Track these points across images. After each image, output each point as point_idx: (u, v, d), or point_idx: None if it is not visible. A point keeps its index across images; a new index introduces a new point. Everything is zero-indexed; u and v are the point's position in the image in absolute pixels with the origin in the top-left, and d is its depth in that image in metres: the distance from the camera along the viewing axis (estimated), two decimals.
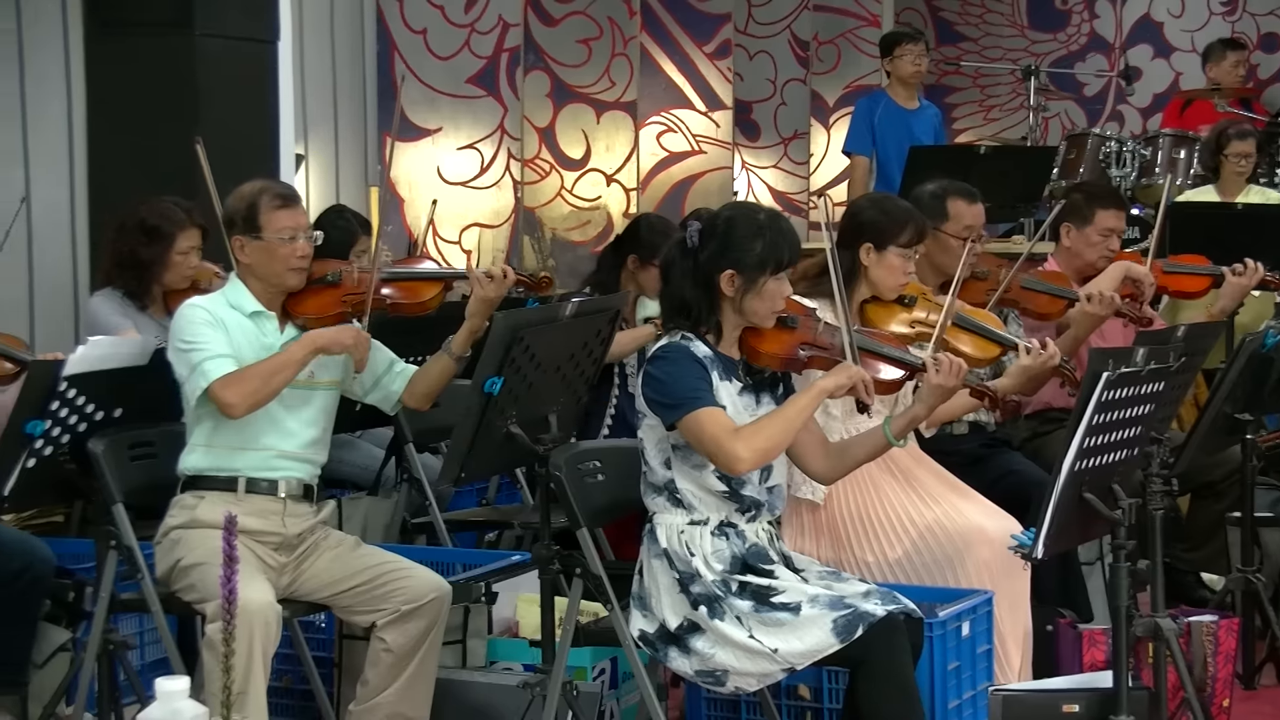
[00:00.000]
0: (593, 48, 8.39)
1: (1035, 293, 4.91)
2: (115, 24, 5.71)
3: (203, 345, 3.79)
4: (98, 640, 3.88)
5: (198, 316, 3.84)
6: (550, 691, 3.69)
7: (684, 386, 3.52)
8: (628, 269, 5.45)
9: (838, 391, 3.58)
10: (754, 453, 3.48)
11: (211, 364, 3.78)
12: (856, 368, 3.59)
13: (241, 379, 3.78)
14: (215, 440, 3.87)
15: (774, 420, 3.55)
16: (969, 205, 4.75)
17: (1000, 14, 11.25)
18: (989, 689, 3.89)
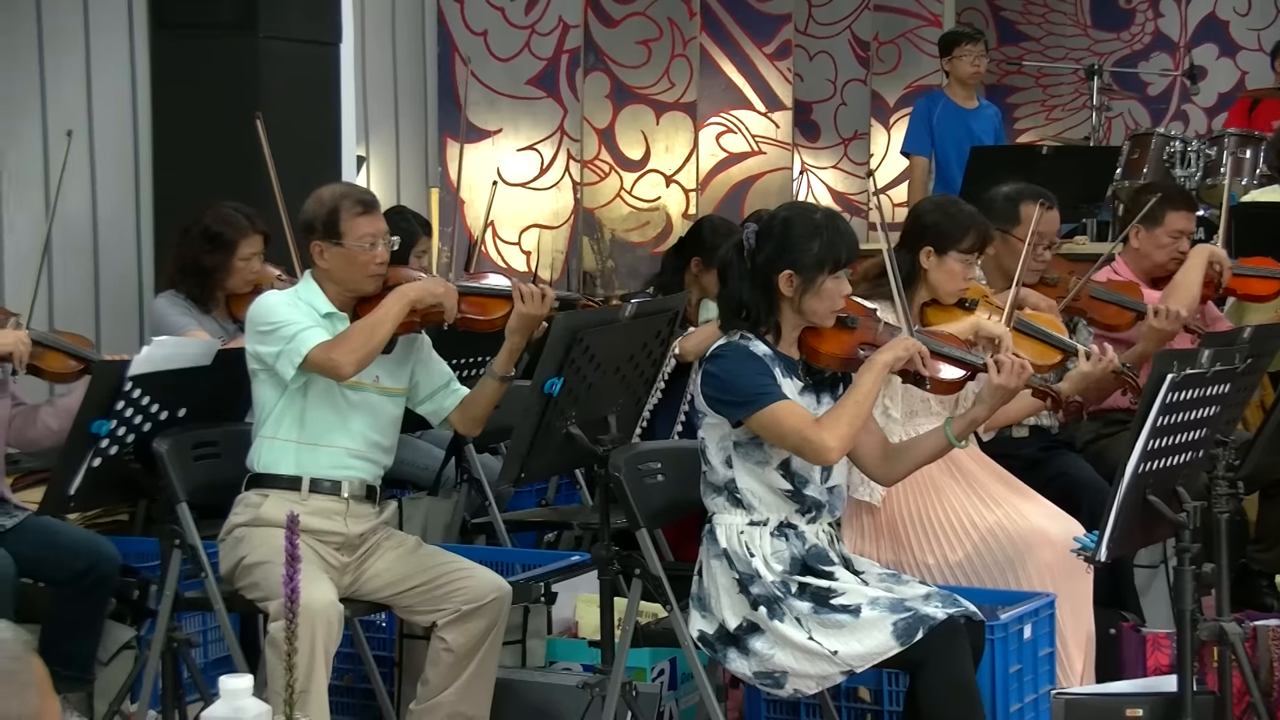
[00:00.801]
0: (652, 49, 8.39)
1: (1104, 303, 4.87)
2: (179, 26, 5.77)
3: (291, 321, 3.82)
4: (162, 638, 3.91)
5: (278, 300, 3.88)
6: (609, 692, 3.69)
7: (750, 383, 3.52)
8: (691, 271, 5.45)
9: (896, 364, 3.58)
10: (840, 439, 3.48)
11: (306, 334, 3.80)
12: (912, 339, 3.59)
13: (344, 338, 3.81)
14: (287, 433, 3.89)
15: (848, 405, 3.55)
16: (1043, 212, 4.71)
17: (1063, 13, 11.17)
18: (1051, 692, 3.86)
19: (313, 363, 3.79)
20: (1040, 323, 4.37)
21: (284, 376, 3.82)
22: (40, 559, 4.16)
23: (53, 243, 5.55)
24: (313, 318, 3.87)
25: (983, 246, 4.26)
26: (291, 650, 2.61)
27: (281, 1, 5.69)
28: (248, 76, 5.65)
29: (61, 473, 3.93)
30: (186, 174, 5.66)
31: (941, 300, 4.23)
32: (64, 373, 4.38)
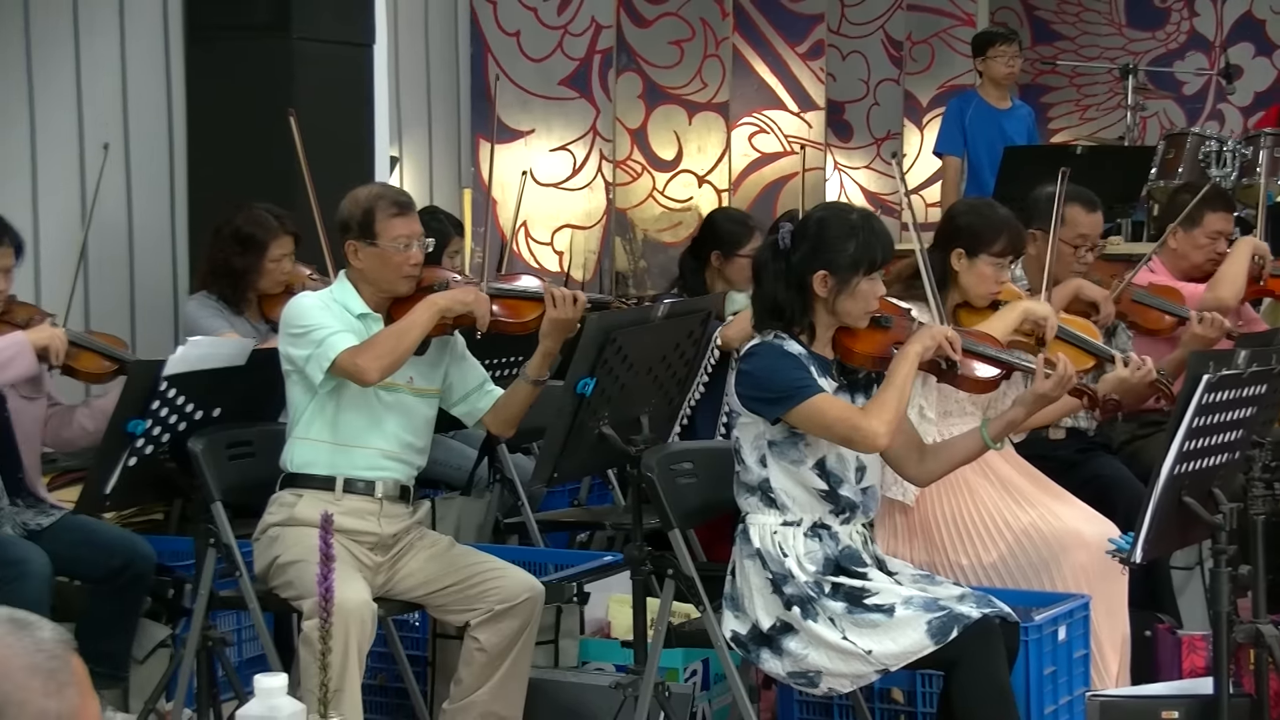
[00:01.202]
0: (685, 49, 8.39)
1: (1145, 307, 4.84)
2: (213, 29, 5.79)
3: (321, 325, 3.83)
4: (197, 636, 3.92)
5: (311, 303, 3.89)
6: (642, 692, 3.69)
7: (787, 378, 3.51)
8: (712, 267, 5.45)
9: (926, 352, 3.59)
10: (887, 424, 3.49)
11: (335, 338, 3.81)
12: (940, 326, 3.61)
13: (371, 344, 3.81)
14: (320, 434, 3.90)
15: (889, 392, 3.55)
16: (1087, 214, 4.68)
17: (1098, 12, 11.12)
18: (1086, 694, 3.84)
19: (339, 367, 3.80)
20: (1075, 327, 4.35)
21: (313, 380, 3.84)
22: (76, 557, 4.19)
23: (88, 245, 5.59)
24: (345, 320, 3.88)
25: (1016, 250, 4.24)
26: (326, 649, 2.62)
27: (315, 3, 5.71)
28: (281, 78, 5.67)
29: (98, 471, 3.95)
30: (221, 176, 5.69)
31: (973, 303, 4.22)
32: (98, 373, 4.40)
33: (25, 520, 4.23)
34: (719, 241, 5.44)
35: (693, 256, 5.57)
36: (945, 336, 3.61)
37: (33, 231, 5.37)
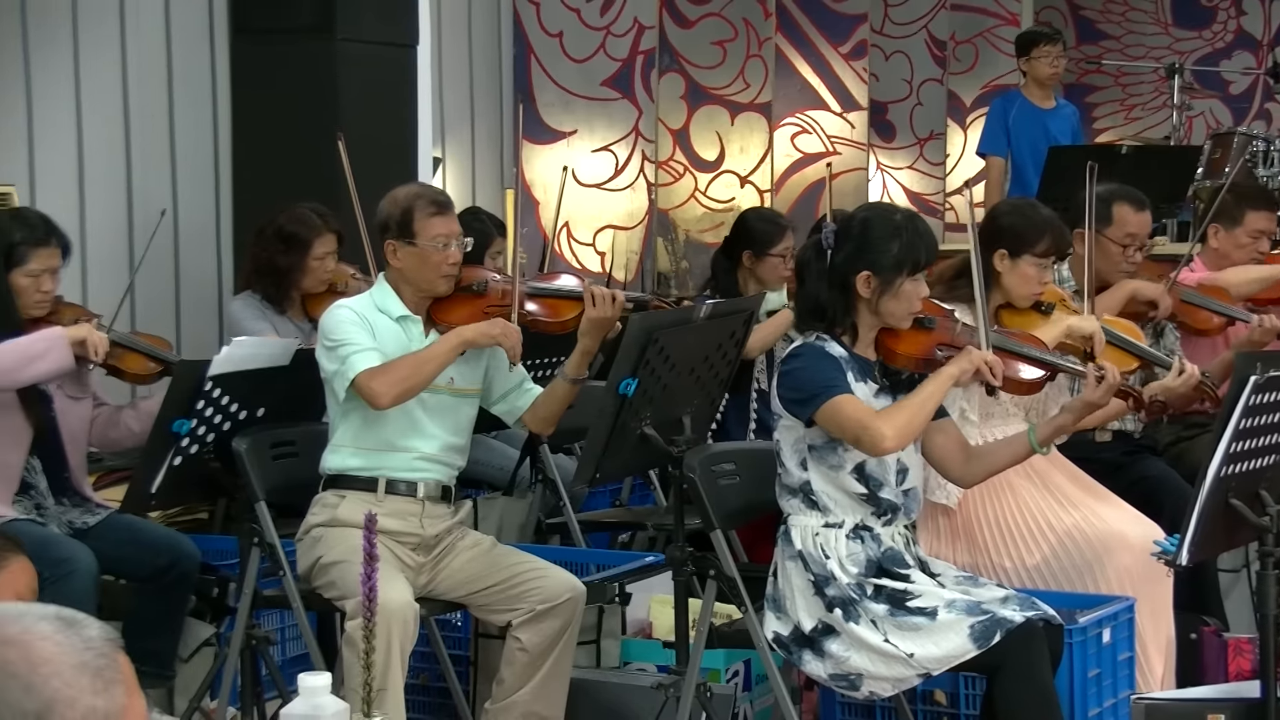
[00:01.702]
0: (728, 49, 8.38)
1: (1194, 307, 4.81)
2: (258, 31, 5.82)
3: (349, 341, 3.84)
4: (241, 635, 3.94)
5: (345, 316, 3.89)
6: (684, 693, 3.68)
7: (816, 379, 3.51)
8: (744, 266, 5.45)
9: (963, 376, 3.56)
10: (897, 430, 3.46)
11: (358, 357, 3.82)
12: (980, 351, 3.57)
13: (388, 369, 3.81)
14: (358, 441, 3.92)
15: (910, 402, 3.53)
16: (1135, 212, 4.65)
17: (1144, 11, 11.05)
18: (1130, 697, 3.82)
19: (357, 387, 3.81)
20: (1119, 329, 4.33)
21: (338, 395, 3.86)
22: (122, 556, 4.22)
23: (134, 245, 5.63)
24: (382, 329, 3.87)
25: (1059, 251, 4.21)
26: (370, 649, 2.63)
27: (359, 4, 5.74)
28: (325, 80, 5.70)
29: (143, 471, 3.98)
30: (265, 177, 5.72)
31: (1016, 304, 4.19)
32: (144, 374, 4.43)
33: (72, 519, 4.26)
34: (751, 241, 5.44)
35: (725, 256, 5.57)
36: (985, 361, 3.57)
37: (79, 233, 5.41)
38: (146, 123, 5.73)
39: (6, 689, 1.49)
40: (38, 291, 4.22)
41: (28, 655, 1.51)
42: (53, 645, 1.52)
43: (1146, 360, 4.26)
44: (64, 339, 4.03)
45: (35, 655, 1.51)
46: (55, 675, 1.50)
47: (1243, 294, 4.91)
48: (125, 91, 5.68)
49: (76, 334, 4.07)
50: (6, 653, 1.50)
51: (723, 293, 5.35)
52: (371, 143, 5.73)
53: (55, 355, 4.01)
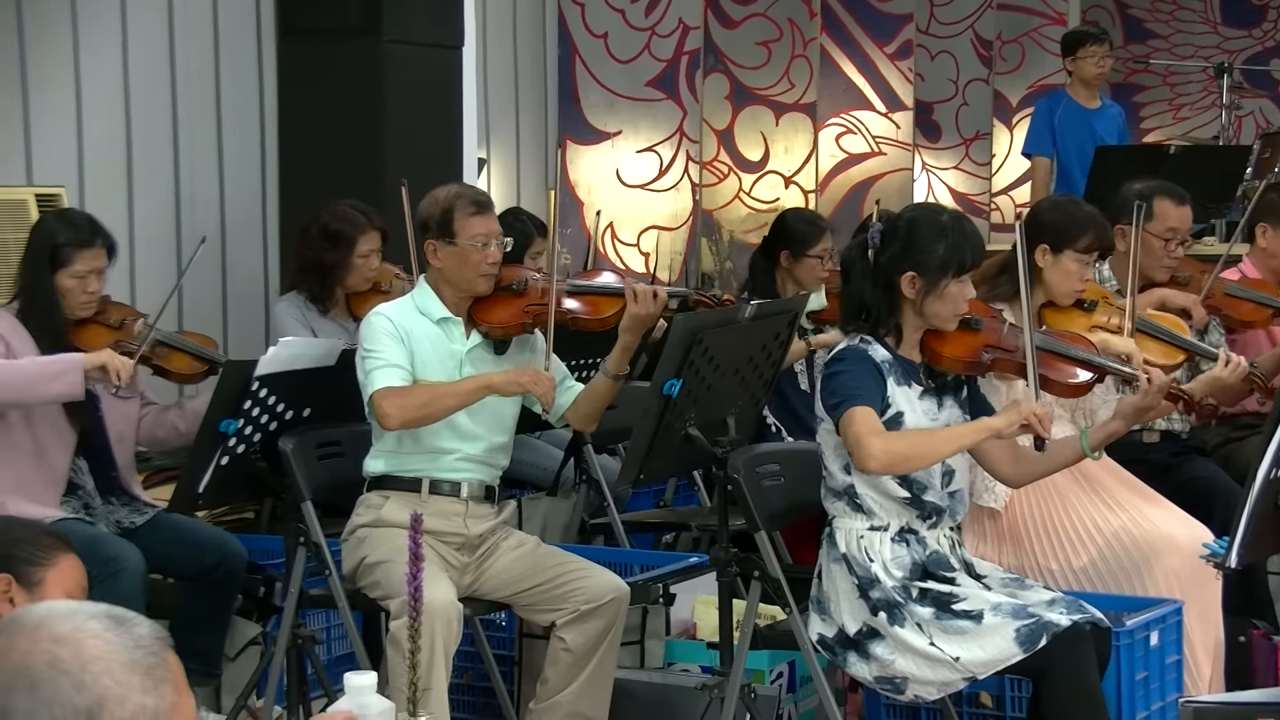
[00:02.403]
0: (772, 50, 8.36)
1: (1239, 300, 4.77)
2: (305, 31, 5.85)
3: (379, 353, 3.85)
4: (287, 634, 3.96)
5: (380, 326, 3.90)
6: (728, 694, 3.68)
7: (847, 385, 3.49)
8: (781, 267, 5.46)
9: (1008, 429, 3.49)
10: (888, 456, 3.41)
11: (380, 372, 3.83)
12: (1030, 405, 3.48)
13: (405, 394, 3.81)
14: (400, 444, 3.93)
15: (924, 437, 3.49)
16: (1176, 207, 4.62)
17: (1192, 10, 10.97)
18: (1179, 700, 3.79)
19: (372, 404, 3.82)
20: (1164, 323, 4.30)
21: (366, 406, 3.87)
22: (170, 555, 4.24)
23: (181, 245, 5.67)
24: (399, 349, 3.85)
25: (1102, 247, 4.19)
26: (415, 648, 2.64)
27: (406, 6, 5.76)
28: (371, 81, 5.72)
29: (191, 470, 4.00)
30: (312, 177, 5.74)
31: (1058, 301, 4.17)
32: (190, 374, 4.46)
33: (119, 518, 4.29)
34: (789, 241, 5.45)
35: (763, 256, 5.57)
36: (1035, 414, 3.46)
37: (128, 232, 5.45)
38: (194, 123, 5.77)
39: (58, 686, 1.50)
40: (84, 292, 4.25)
41: (79, 653, 1.52)
42: (104, 643, 1.53)
43: (1193, 353, 4.23)
44: (79, 366, 4.03)
45: (86, 653, 1.52)
46: (106, 673, 1.52)
47: None
48: (173, 92, 5.72)
49: (95, 360, 4.06)
50: (58, 650, 1.51)
51: (760, 293, 5.34)
52: (417, 144, 5.75)
53: (67, 380, 4.03)
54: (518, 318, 4.00)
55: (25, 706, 1.49)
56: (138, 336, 4.31)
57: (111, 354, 4.08)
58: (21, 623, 1.55)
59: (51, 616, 1.55)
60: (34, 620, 1.55)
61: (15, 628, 1.55)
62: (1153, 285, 4.57)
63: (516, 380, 3.86)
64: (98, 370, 4.05)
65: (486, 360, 4.00)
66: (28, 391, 4.05)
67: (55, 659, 1.51)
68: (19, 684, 1.50)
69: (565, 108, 7.49)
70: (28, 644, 1.52)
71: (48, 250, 4.22)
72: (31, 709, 1.49)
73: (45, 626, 1.54)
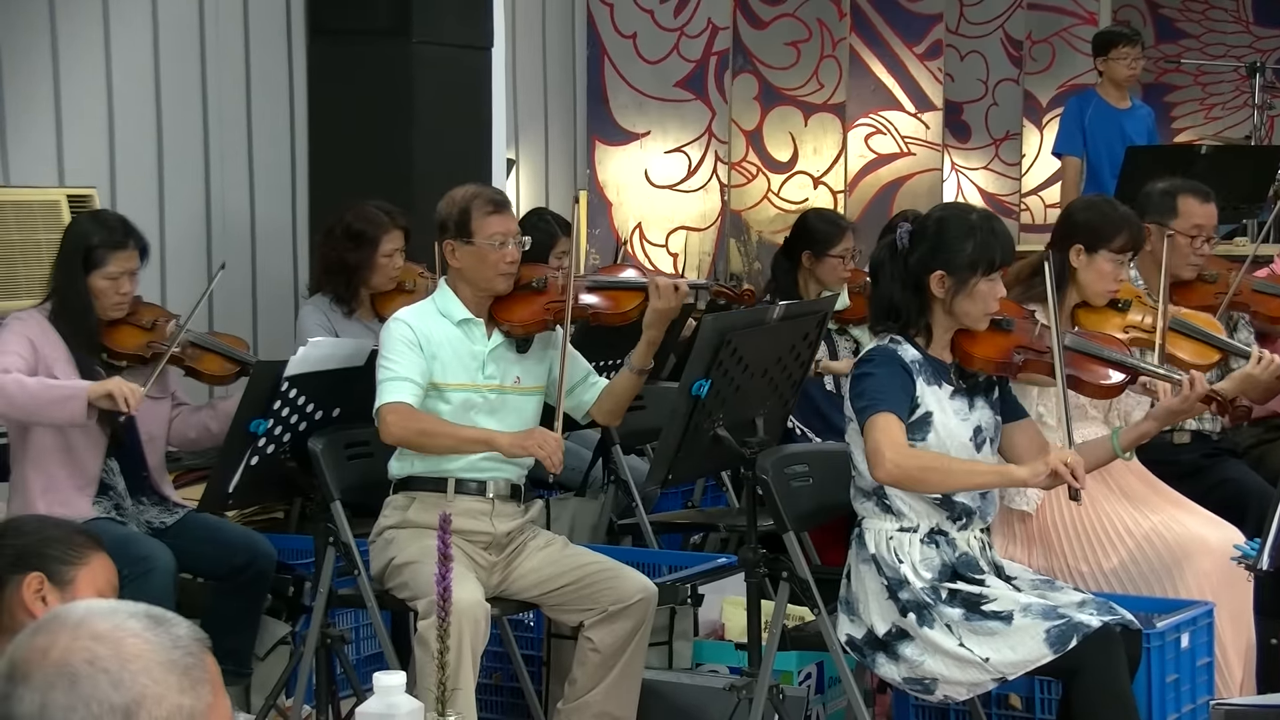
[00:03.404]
0: (801, 50, 8.35)
1: (1267, 296, 4.75)
2: (336, 33, 5.87)
3: (393, 363, 3.86)
4: (316, 634, 3.97)
5: (399, 333, 3.90)
6: (756, 695, 3.68)
7: (873, 389, 3.48)
8: (804, 268, 5.45)
9: (1033, 480, 3.46)
10: (899, 470, 3.41)
11: (392, 384, 3.84)
12: (1060, 453, 3.41)
13: (412, 417, 3.82)
14: None
15: (941, 461, 3.47)
16: (1201, 204, 4.61)
17: (1224, 9, 10.91)
18: (1209, 703, 3.77)
19: (378, 414, 3.83)
20: (1198, 322, 4.29)
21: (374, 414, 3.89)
22: (200, 554, 4.26)
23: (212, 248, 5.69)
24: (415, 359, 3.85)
25: (1135, 247, 4.18)
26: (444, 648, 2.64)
27: (435, 6, 5.77)
28: (401, 81, 5.73)
29: (221, 470, 4.02)
30: (342, 177, 5.76)
31: (1092, 301, 4.16)
32: (221, 375, 4.47)
33: (150, 518, 4.31)
34: (810, 241, 5.45)
35: (785, 257, 5.57)
36: (1063, 462, 3.39)
37: (159, 234, 5.47)
38: (224, 124, 5.79)
39: (96, 683, 1.51)
40: (116, 294, 4.27)
41: (118, 651, 1.53)
42: (143, 643, 1.54)
43: (1226, 351, 4.22)
44: (84, 394, 4.02)
45: (125, 651, 1.53)
46: (144, 672, 1.53)
47: None
48: (204, 93, 5.74)
49: (101, 390, 4.03)
50: (97, 648, 1.53)
51: (782, 294, 5.34)
52: (447, 144, 5.76)
53: (70, 408, 4.04)
54: (538, 315, 4.01)
55: (65, 702, 1.51)
56: (169, 337, 4.33)
57: (120, 382, 4.06)
58: (63, 620, 1.57)
59: (92, 615, 1.57)
60: (75, 618, 1.56)
61: (56, 625, 1.56)
62: (1179, 282, 4.56)
63: (522, 444, 3.83)
64: (105, 398, 4.04)
65: (509, 359, 4.01)
66: (34, 413, 4.08)
67: (95, 656, 1.53)
68: (59, 680, 1.52)
69: (594, 108, 7.49)
70: (68, 641, 1.54)
71: (81, 251, 4.24)
72: (70, 705, 1.51)
73: (86, 624, 1.55)
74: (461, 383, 3.94)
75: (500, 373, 3.98)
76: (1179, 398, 3.64)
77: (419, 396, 3.86)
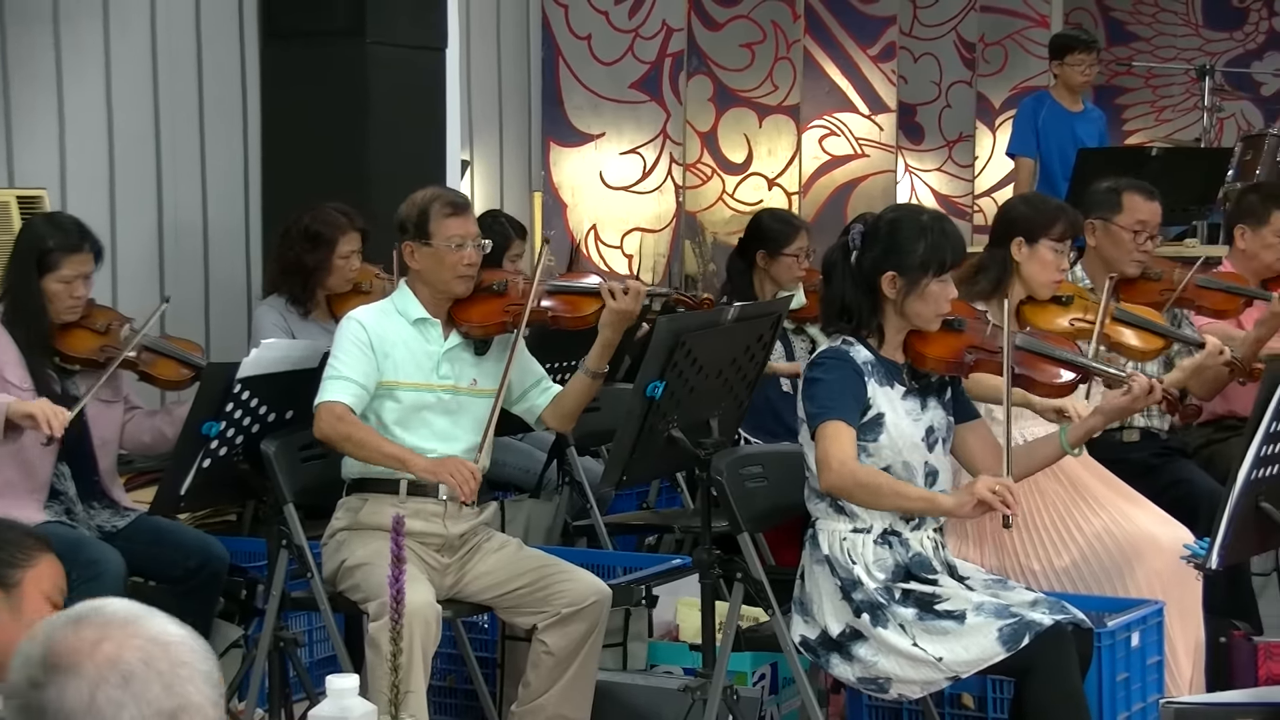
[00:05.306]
0: (756, 52, 8.37)
1: (1211, 290, 4.81)
2: (290, 34, 5.84)
3: (340, 362, 3.86)
4: (269, 637, 3.96)
5: (350, 332, 3.91)
6: (711, 696, 3.68)
7: (825, 395, 3.50)
8: (758, 267, 5.47)
9: (958, 511, 3.48)
10: (840, 481, 3.44)
11: (334, 383, 3.84)
12: (983, 485, 3.39)
13: (344, 420, 3.81)
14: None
15: (876, 480, 3.48)
16: (1145, 201, 4.66)
17: (1174, 13, 11.01)
18: (1159, 701, 3.80)
19: (315, 409, 3.83)
20: (1140, 313, 4.35)
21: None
22: (152, 557, 4.24)
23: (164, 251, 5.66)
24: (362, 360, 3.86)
25: (1073, 234, 4.25)
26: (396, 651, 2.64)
27: (390, 8, 5.75)
28: (356, 83, 5.71)
29: (173, 473, 3.99)
30: (296, 179, 5.74)
31: (1036, 294, 4.20)
32: (176, 380, 4.44)
33: (101, 522, 4.28)
34: (765, 240, 5.46)
35: (740, 257, 5.58)
36: (990, 490, 3.37)
37: (110, 236, 5.44)
38: (177, 125, 5.75)
39: (148, 685, 1.53)
40: (70, 297, 4.24)
41: (169, 655, 1.56)
42: (189, 651, 1.57)
43: (1171, 339, 4.28)
44: (2, 412, 3.96)
45: (175, 657, 1.56)
46: (190, 680, 1.56)
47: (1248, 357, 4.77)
48: (156, 94, 5.71)
49: (22, 410, 3.97)
50: (152, 649, 1.55)
51: (738, 294, 5.36)
52: (402, 146, 5.75)
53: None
54: (497, 317, 4.01)
55: (117, 698, 1.52)
56: (123, 341, 4.30)
57: (44, 405, 3.99)
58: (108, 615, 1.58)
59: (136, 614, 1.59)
60: (122, 615, 1.58)
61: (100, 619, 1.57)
62: (1124, 280, 4.60)
63: (434, 470, 3.82)
64: (26, 419, 3.97)
65: (466, 361, 4.01)
66: None
67: (150, 658, 1.54)
68: (111, 675, 1.53)
69: (549, 110, 7.48)
70: (121, 638, 1.55)
71: (35, 254, 4.21)
72: (121, 702, 1.52)
73: (137, 624, 1.57)
74: (415, 382, 3.93)
75: (456, 374, 3.97)
76: (1131, 397, 3.66)
77: (361, 399, 3.86)
